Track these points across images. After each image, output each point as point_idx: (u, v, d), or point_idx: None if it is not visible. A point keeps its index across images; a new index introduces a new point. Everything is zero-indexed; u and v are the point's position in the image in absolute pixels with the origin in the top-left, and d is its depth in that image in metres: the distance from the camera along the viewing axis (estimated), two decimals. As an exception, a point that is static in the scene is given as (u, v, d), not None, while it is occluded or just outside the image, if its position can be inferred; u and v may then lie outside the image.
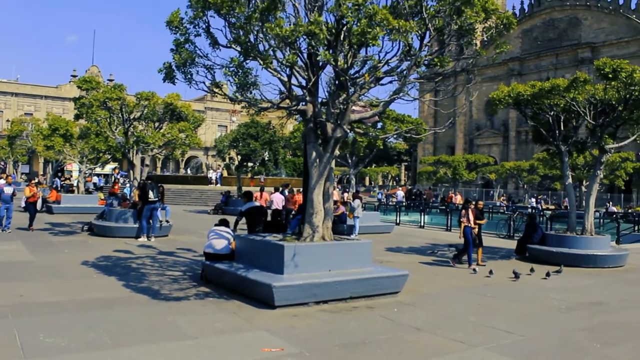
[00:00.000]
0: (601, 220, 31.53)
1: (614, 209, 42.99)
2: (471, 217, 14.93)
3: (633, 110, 15.57)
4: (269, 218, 18.17)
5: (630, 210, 41.45)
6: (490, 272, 13.30)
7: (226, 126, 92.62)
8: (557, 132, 16.19)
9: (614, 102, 15.11)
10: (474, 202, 15.99)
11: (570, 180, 17.19)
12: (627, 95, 14.75)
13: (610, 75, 14.41)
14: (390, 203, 43.89)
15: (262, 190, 25.25)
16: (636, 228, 28.02)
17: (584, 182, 38.01)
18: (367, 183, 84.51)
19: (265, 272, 9.79)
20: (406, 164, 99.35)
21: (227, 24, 9.96)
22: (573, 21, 64.17)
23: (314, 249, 9.92)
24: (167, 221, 20.56)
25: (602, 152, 16.26)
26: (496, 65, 65.52)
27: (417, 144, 67.13)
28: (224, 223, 12.34)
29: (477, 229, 15.24)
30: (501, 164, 58.39)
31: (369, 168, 60.53)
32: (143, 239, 18.29)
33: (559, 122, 16.17)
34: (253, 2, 9.76)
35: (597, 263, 15.62)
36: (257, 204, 14.07)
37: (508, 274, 13.27)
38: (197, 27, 10.35)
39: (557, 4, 65.63)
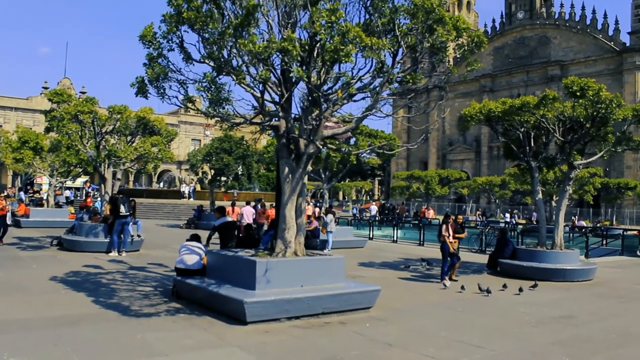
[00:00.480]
0: (571, 235, 32.01)
1: (583, 223, 43.71)
2: (450, 231, 14.95)
3: (600, 128, 15.93)
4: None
5: (598, 225, 42.17)
6: (462, 287, 13.39)
7: (200, 140, 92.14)
8: (527, 148, 16.46)
9: (582, 120, 15.44)
10: (453, 217, 16.05)
11: (540, 195, 17.46)
12: (594, 113, 15.08)
13: (578, 94, 14.74)
14: (365, 217, 44.02)
15: (233, 205, 25.13)
16: (604, 242, 28.49)
17: (554, 197, 38.60)
18: (340, 197, 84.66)
19: (237, 287, 9.73)
20: (379, 178, 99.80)
21: (200, 39, 9.97)
22: (543, 40, 65.47)
23: (286, 265, 9.90)
24: (139, 235, 20.33)
25: (570, 168, 16.56)
26: (469, 81, 66.42)
27: (391, 159, 67.55)
28: (195, 238, 12.25)
29: (456, 243, 15.29)
30: (473, 179, 59.05)
31: (342, 183, 60.67)
32: (114, 254, 18.04)
33: (529, 138, 16.45)
34: (227, 17, 9.80)
35: (566, 277, 15.85)
36: (230, 219, 14.02)
37: (471, 288, 13.38)
38: (170, 41, 10.34)
39: (527, 22, 66.94)
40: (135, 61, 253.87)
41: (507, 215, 47.88)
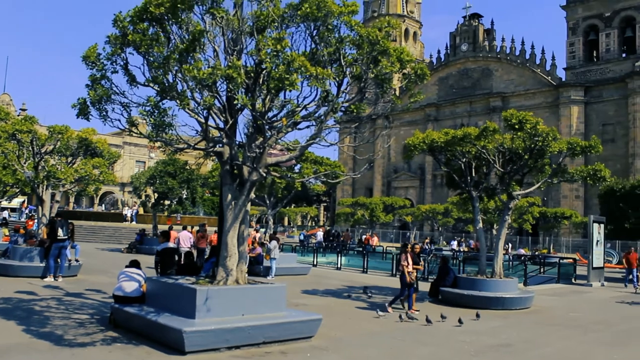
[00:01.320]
0: (510, 263, 32.76)
1: (522, 251, 44.85)
2: (409, 260, 14.87)
3: (537, 159, 16.48)
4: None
5: (536, 253, 43.35)
6: (400, 316, 13.42)
7: (144, 162, 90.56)
8: (468, 178, 16.85)
9: (520, 151, 15.95)
10: (411, 246, 15.97)
11: (480, 224, 17.86)
12: (532, 145, 15.61)
13: (516, 126, 15.27)
14: (311, 243, 44.01)
15: (170, 229, 24.66)
16: (542, 270, 29.27)
17: (494, 225, 39.50)
18: (285, 223, 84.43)
19: (176, 316, 9.51)
20: (325, 204, 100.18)
21: (145, 62, 9.86)
22: (485, 72, 67.60)
23: (227, 293, 9.75)
24: (77, 260, 19.69)
25: (510, 198, 17.02)
26: (414, 110, 67.78)
27: (336, 185, 68.00)
28: (135, 264, 11.94)
29: (414, 274, 15.16)
30: (417, 206, 59.93)
31: (287, 208, 60.60)
32: (49, 279, 17.40)
33: (470, 168, 16.86)
34: (173, 42, 9.73)
35: (505, 305, 16.17)
36: (172, 245, 13.76)
37: (421, 317, 13.47)
38: (114, 63, 10.19)
39: (471, 55, 69.04)
40: (81, 80, 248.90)
41: (454, 243, 48.62)
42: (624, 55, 58.39)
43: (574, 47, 60.74)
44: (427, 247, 42.06)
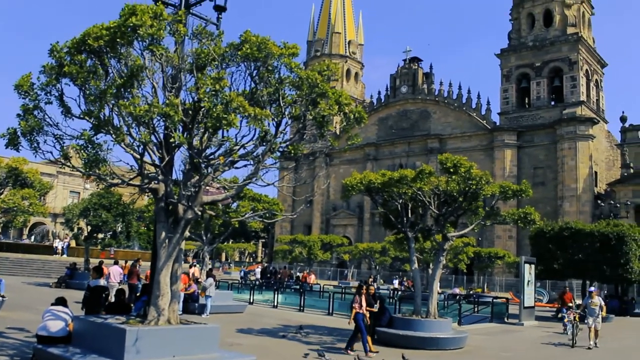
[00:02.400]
0: (445, 302, 33.19)
1: (457, 290, 45.54)
2: (363, 302, 14.68)
3: (471, 202, 16.94)
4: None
5: (471, 292, 44.11)
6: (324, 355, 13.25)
7: (79, 192, 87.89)
8: (405, 219, 17.12)
9: (455, 194, 16.37)
10: (366, 287, 15.78)
11: (416, 265, 18.09)
12: (466, 188, 16.06)
13: (451, 170, 15.71)
14: (250, 279, 43.50)
15: (100, 264, 23.89)
16: (476, 309, 29.78)
17: (430, 265, 40.05)
18: (223, 259, 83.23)
19: (104, 357, 9.16)
20: (264, 240, 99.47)
21: (82, 94, 9.67)
22: (424, 114, 69.42)
23: (158, 334, 9.48)
24: (1, 296, 18.75)
25: (444, 239, 17.36)
26: (354, 149, 68.66)
27: (275, 222, 67.69)
28: (61, 302, 11.46)
29: (368, 315, 14.95)
30: (355, 244, 60.23)
31: (225, 244, 59.80)
32: (-32, 317, 16.48)
33: (407, 209, 17.14)
34: (111, 75, 9.59)
35: (439, 345, 16.30)
36: (102, 282, 13.32)
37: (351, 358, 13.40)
38: (49, 94, 9.94)
39: (410, 97, 70.83)
40: (13, 108, 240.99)
41: (396, 282, 48.84)
42: (552, 103, 61.20)
43: (507, 93, 63.28)
44: (374, 285, 42.05)
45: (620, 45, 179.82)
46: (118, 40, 8.90)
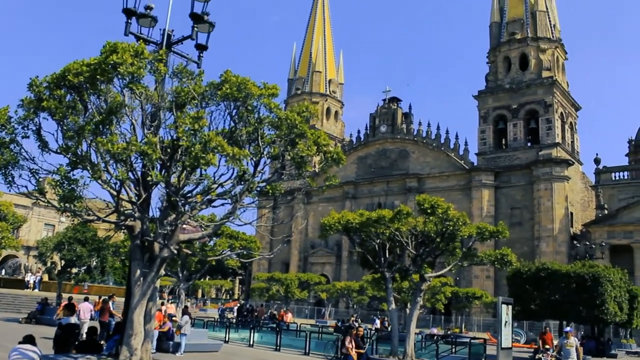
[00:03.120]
0: (423, 343, 32.93)
1: (435, 330, 45.27)
2: (352, 344, 14.40)
3: (449, 243, 17.01)
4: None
5: (449, 332, 43.88)
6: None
7: (54, 225, 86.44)
8: (382, 259, 17.11)
9: (432, 235, 16.44)
10: (355, 329, 15.49)
11: (394, 305, 18.02)
12: (444, 229, 16.15)
13: (429, 211, 15.80)
14: (227, 317, 42.86)
15: (69, 300, 23.33)
16: (454, 349, 29.56)
17: (408, 305, 39.88)
18: (199, 295, 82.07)
19: (71, 399, 8.91)
20: (241, 277, 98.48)
21: (60, 128, 9.61)
22: (403, 153, 70.00)
23: (130, 375, 9.27)
24: (-33, 333, 18.23)
25: (422, 280, 17.36)
26: (333, 187, 68.71)
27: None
28: (29, 340, 11.11)
29: (356, 358, 14.66)
30: (333, 283, 59.84)
31: (202, 280, 59.03)
32: None
33: (384, 249, 17.15)
34: (90, 110, 9.56)
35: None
36: (73, 320, 13.03)
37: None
38: (26, 128, 9.86)
39: (389, 136, 71.44)
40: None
41: (377, 321, 48.33)
42: (529, 144, 62.14)
43: (485, 134, 64.18)
44: (355, 325, 41.62)
45: (593, 90, 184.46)
46: (98, 77, 8.91)
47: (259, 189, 9.35)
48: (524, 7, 64.33)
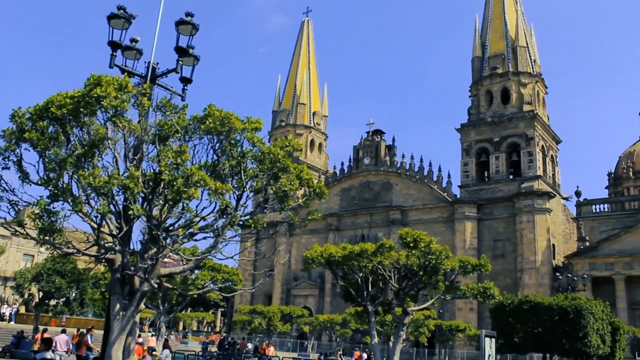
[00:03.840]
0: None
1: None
2: None
3: (432, 276, 17.03)
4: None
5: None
6: None
7: (33, 256, 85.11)
8: (365, 292, 17.06)
9: (415, 268, 16.45)
10: None
11: (376, 339, 17.93)
12: (426, 263, 16.17)
13: (411, 244, 15.84)
14: (210, 351, 42.25)
15: (44, 332, 22.86)
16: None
17: (391, 338, 39.60)
18: (180, 328, 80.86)
19: None
20: (223, 309, 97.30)
21: (41, 160, 9.55)
22: (386, 185, 70.25)
23: (107, 412, 9.07)
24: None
25: (404, 313, 17.30)
26: (316, 219, 68.53)
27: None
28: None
29: None
30: (316, 316, 59.35)
31: (183, 312, 58.27)
32: None
33: (367, 282, 17.12)
34: (72, 142, 9.52)
35: None
36: (49, 356, 12.76)
37: None
38: (7, 159, 9.78)
39: (372, 168, 71.74)
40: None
41: (365, 355, 47.76)
42: (511, 177, 62.73)
43: (467, 166, 64.73)
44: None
45: (573, 124, 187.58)
46: (82, 109, 8.91)
47: (241, 222, 9.32)
48: (505, 42, 65.64)
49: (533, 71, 64.65)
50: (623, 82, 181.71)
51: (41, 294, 35.55)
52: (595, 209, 58.40)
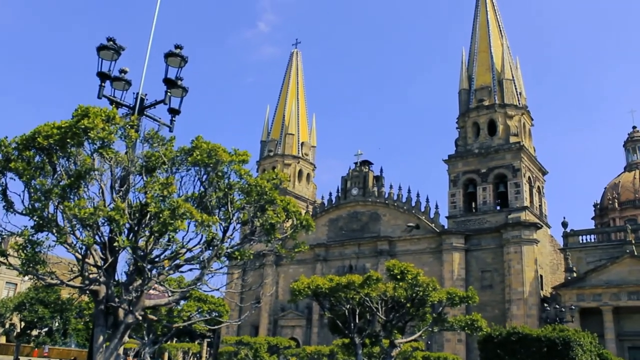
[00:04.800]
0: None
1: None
2: None
3: (419, 308, 16.97)
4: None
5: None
6: None
7: (16, 284, 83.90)
8: (352, 324, 16.96)
9: (402, 300, 16.40)
10: None
11: (363, 371, 17.73)
12: (414, 295, 16.14)
13: (398, 277, 15.82)
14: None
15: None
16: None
17: (379, 369, 39.22)
18: (165, 359, 79.64)
19: None
20: (209, 340, 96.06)
21: (27, 190, 9.49)
22: (374, 216, 70.25)
23: None
24: None
25: (392, 346, 17.19)
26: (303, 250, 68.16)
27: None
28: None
29: None
30: (303, 347, 58.69)
31: (168, 343, 57.44)
32: None
33: (354, 314, 17.02)
34: (59, 172, 9.48)
35: None
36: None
37: None
38: (-9, 188, 9.71)
39: (360, 199, 71.78)
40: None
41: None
42: (498, 208, 62.96)
43: (455, 197, 64.96)
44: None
45: (559, 155, 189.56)
46: (69, 140, 8.89)
47: (227, 253, 9.28)
48: (491, 75, 66.58)
49: (519, 103, 65.53)
50: (607, 113, 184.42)
51: (23, 323, 34.93)
52: (582, 240, 58.67)
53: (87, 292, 10.03)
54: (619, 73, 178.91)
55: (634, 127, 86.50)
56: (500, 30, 69.75)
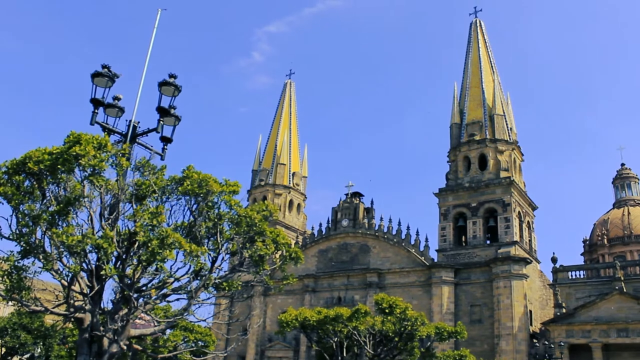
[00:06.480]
0: None
1: None
2: None
3: (407, 342, 16.86)
4: None
5: None
6: None
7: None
8: (339, 357, 16.81)
9: (390, 334, 16.30)
10: None
11: (350, 406, 17.51)
12: (402, 329, 16.04)
13: (387, 310, 15.75)
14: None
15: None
16: None
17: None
18: (150, 389, 78.27)
19: None
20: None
21: (14, 215, 9.43)
22: (364, 247, 70.05)
23: None
24: None
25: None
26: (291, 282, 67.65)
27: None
28: None
29: None
30: (290, 378, 57.97)
31: (154, 374, 56.50)
32: None
33: (342, 347, 16.87)
34: (48, 197, 9.45)
35: None
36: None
37: None
38: (-23, 213, 9.63)
39: (350, 230, 71.66)
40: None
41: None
42: (488, 242, 63.01)
43: (445, 231, 64.97)
44: None
45: (549, 191, 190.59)
46: (59, 166, 8.88)
47: (215, 284, 9.22)
48: (482, 110, 67.28)
49: (510, 139, 66.11)
50: (596, 150, 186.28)
51: (4, 349, 34.30)
52: (572, 276, 58.60)
53: (72, 319, 9.92)
54: (606, 110, 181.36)
55: (622, 165, 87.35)
56: (492, 67, 70.70)
